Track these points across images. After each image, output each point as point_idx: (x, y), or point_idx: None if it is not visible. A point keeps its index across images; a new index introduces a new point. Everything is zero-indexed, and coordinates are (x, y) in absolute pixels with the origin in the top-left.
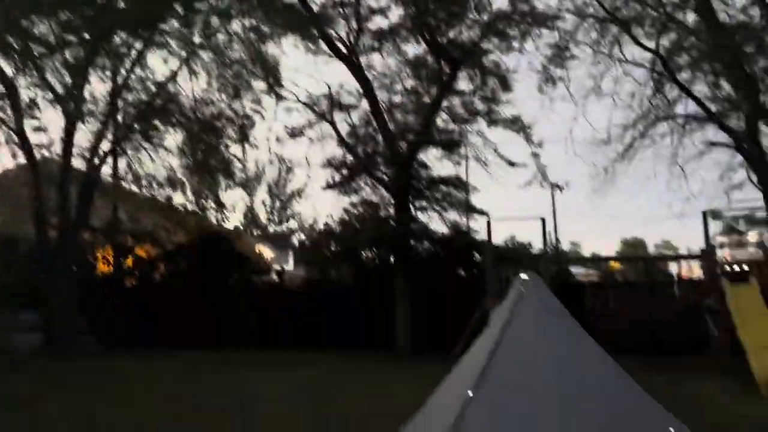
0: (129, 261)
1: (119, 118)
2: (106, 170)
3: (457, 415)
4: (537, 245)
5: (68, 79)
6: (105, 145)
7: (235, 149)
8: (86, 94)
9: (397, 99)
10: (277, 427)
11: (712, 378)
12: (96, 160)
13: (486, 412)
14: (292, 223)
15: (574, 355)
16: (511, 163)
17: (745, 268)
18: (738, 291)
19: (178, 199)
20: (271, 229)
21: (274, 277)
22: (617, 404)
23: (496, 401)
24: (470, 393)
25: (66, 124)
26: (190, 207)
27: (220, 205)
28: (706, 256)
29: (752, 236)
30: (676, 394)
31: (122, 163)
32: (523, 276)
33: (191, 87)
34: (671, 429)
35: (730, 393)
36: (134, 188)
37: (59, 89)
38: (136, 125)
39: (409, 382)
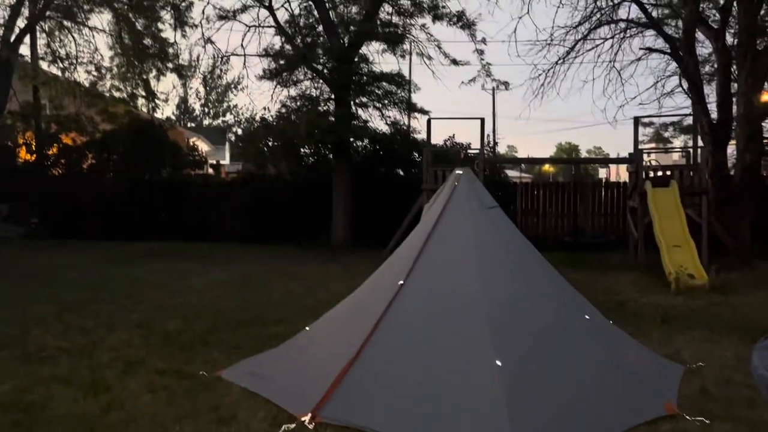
0: (54, 149)
1: None
2: (24, 51)
3: (389, 302)
4: (476, 146)
5: None
6: (21, 22)
7: (167, 33)
8: None
9: None
10: (191, 313)
11: (628, 273)
12: (11, 38)
13: (415, 299)
14: (228, 117)
15: (502, 246)
16: (455, 62)
17: (668, 173)
18: (657, 193)
19: (105, 84)
20: (206, 121)
21: (210, 170)
22: (540, 292)
23: (425, 288)
24: (401, 282)
25: None
26: (118, 94)
27: (151, 94)
28: (634, 160)
29: (678, 143)
30: (595, 286)
31: (42, 43)
32: (458, 171)
33: None
34: (587, 316)
35: (642, 286)
36: (56, 71)
37: None
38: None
39: (341, 274)
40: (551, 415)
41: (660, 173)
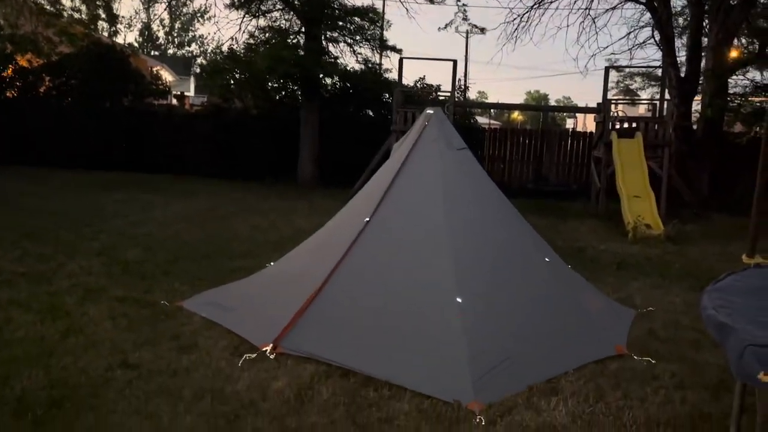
0: (9, 71)
1: None
2: None
3: (354, 238)
4: (447, 88)
5: None
6: None
7: None
8: None
9: None
10: (153, 244)
11: (588, 221)
12: None
13: (380, 236)
14: (194, 47)
15: (469, 187)
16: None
17: (634, 125)
18: (622, 144)
19: (65, 4)
20: (171, 50)
21: (174, 101)
22: (504, 234)
23: (390, 225)
24: (367, 219)
25: None
26: (77, 15)
27: (113, 17)
28: (602, 110)
29: (645, 95)
30: (555, 232)
31: None
32: (429, 110)
33: None
34: (547, 258)
35: (601, 234)
36: None
37: None
38: None
39: (307, 211)
40: (508, 351)
41: (626, 125)
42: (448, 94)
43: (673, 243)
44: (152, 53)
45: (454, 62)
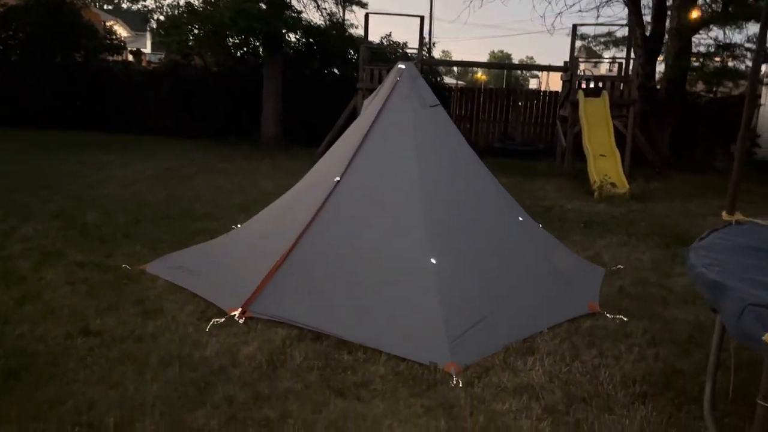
0: None
1: None
2: None
3: (324, 199)
4: (413, 45)
5: None
6: None
7: None
8: None
9: None
10: (112, 206)
11: (554, 180)
12: None
13: (351, 195)
14: (149, 2)
15: (442, 144)
16: None
17: (600, 84)
18: (588, 103)
19: None
20: (125, 5)
21: (130, 57)
22: (477, 193)
23: (362, 184)
24: (337, 179)
25: None
26: None
27: None
28: (569, 68)
29: (609, 54)
30: (522, 191)
31: None
32: (401, 65)
33: None
34: (520, 218)
35: (567, 193)
36: None
37: None
38: None
39: (271, 172)
40: (483, 311)
41: (592, 84)
42: (415, 51)
43: (638, 201)
44: (105, 7)
45: (421, 18)
